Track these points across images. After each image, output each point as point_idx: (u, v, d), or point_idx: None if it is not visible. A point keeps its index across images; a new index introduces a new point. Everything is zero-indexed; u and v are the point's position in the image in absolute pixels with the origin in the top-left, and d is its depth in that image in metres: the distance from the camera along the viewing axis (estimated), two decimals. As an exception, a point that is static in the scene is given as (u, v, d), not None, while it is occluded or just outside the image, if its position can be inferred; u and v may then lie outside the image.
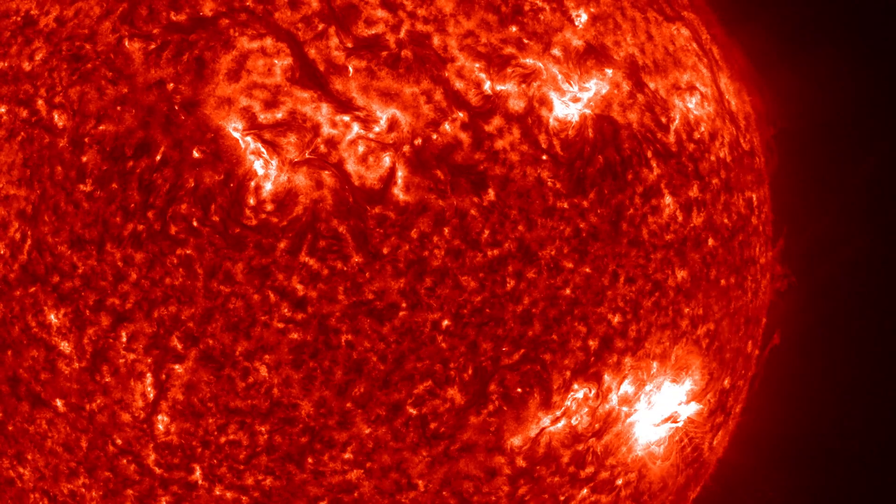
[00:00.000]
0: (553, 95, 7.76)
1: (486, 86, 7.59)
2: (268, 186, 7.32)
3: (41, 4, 7.99)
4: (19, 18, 8.05)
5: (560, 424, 8.11)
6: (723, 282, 8.82)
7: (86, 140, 7.48)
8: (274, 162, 7.30)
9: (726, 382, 9.30)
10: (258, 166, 7.33)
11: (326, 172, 7.31)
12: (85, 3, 7.83)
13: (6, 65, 7.93)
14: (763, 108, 9.62)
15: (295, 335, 7.40)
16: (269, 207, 7.30)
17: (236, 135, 7.34)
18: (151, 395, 7.58)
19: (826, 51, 10.67)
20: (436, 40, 7.57)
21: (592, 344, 7.97)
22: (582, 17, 8.05)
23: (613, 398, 8.26)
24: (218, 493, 7.79)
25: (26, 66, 7.84)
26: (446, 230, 7.41)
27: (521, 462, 8.08)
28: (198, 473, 7.75)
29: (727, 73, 9.33)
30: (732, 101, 9.19)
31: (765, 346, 10.13)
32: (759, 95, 9.68)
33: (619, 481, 8.67)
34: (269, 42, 7.45)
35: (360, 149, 7.34)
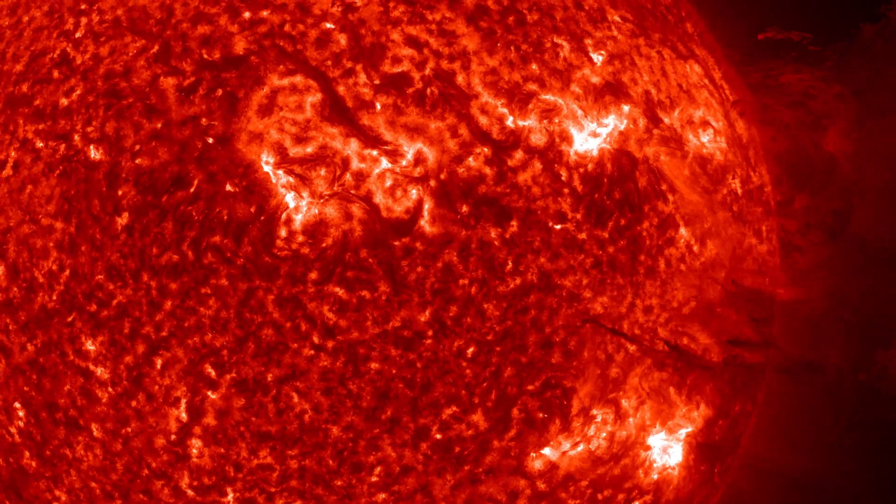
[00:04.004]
0: (573, 130, 8.03)
1: (509, 121, 7.85)
2: (298, 218, 7.56)
3: (77, 43, 8.22)
4: (56, 56, 8.28)
5: (580, 448, 8.33)
6: (735, 309, 9.07)
7: (122, 174, 7.72)
8: (305, 195, 7.54)
9: (737, 406, 9.53)
10: (289, 199, 7.58)
11: (355, 205, 7.56)
12: (119, 41, 8.06)
13: (43, 101, 8.16)
14: (770, 142, 9.88)
15: (325, 362, 7.63)
16: (300, 239, 7.54)
17: (268, 168, 7.58)
18: (185, 420, 7.79)
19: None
20: (460, 78, 7.83)
21: (611, 371, 8.20)
22: (600, 56, 8.32)
23: (631, 423, 8.48)
24: (249, 515, 8.01)
25: (63, 102, 8.08)
26: (471, 261, 7.66)
27: (541, 485, 8.29)
28: (230, 496, 7.95)
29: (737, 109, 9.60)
30: (743, 136, 9.46)
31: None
32: (766, 129, 9.94)
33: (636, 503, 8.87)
34: (299, 79, 7.70)
35: (388, 182, 7.59)
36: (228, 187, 7.59)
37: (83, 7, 8.42)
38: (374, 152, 7.61)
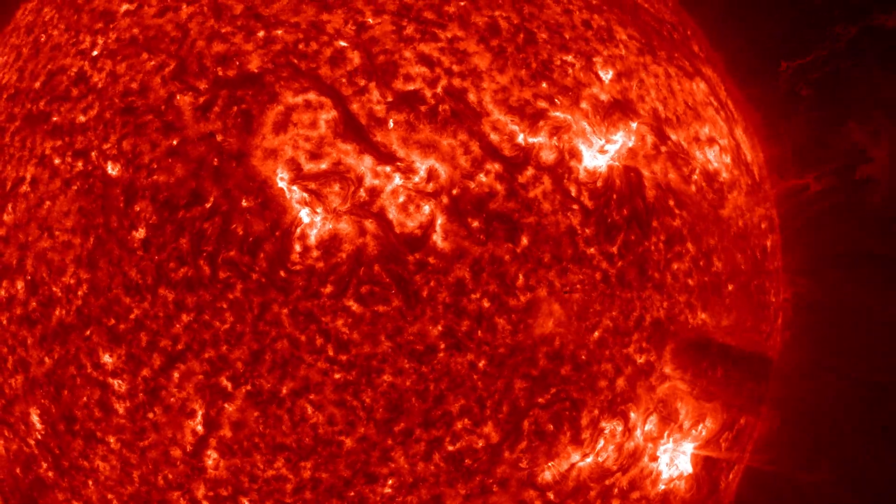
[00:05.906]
0: (582, 147, 8.16)
1: (520, 138, 7.98)
2: (313, 233, 7.68)
3: (94, 61, 8.36)
4: (73, 74, 8.41)
5: (589, 460, 8.44)
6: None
7: (139, 190, 7.84)
8: (319, 210, 7.67)
9: (742, 421, 9.64)
10: (304, 214, 7.69)
11: (369, 221, 7.68)
12: (136, 58, 8.19)
13: (61, 118, 8.29)
14: (774, 159, 10.03)
15: (339, 375, 7.74)
16: (315, 254, 7.66)
17: (283, 184, 7.70)
18: (201, 433, 7.90)
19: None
20: (471, 95, 7.97)
21: (619, 383, 8.32)
22: (608, 74, 8.47)
23: (639, 434, 8.60)
24: (264, 526, 8.10)
25: (80, 119, 8.21)
26: (482, 275, 7.78)
27: (551, 496, 8.39)
28: (245, 507, 8.07)
29: (742, 126, 9.76)
30: (748, 153, 9.60)
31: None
32: (771, 146, 10.10)
33: (643, 514, 8.98)
34: (312, 96, 7.83)
35: (401, 198, 7.72)
36: (244, 203, 7.71)
37: (99, 26, 8.56)
38: (388, 168, 7.73)
